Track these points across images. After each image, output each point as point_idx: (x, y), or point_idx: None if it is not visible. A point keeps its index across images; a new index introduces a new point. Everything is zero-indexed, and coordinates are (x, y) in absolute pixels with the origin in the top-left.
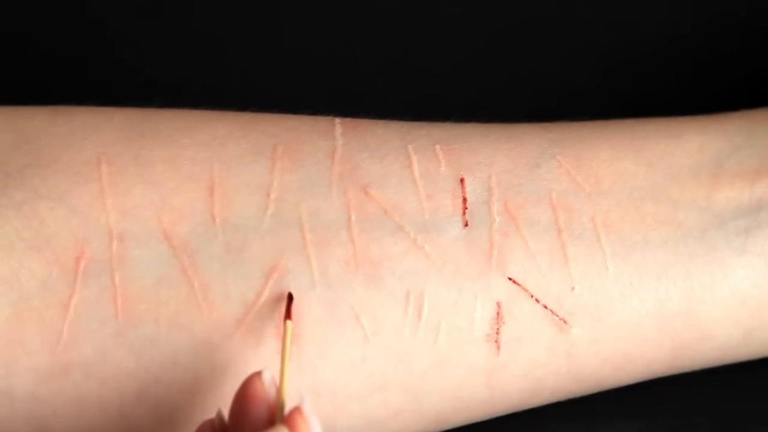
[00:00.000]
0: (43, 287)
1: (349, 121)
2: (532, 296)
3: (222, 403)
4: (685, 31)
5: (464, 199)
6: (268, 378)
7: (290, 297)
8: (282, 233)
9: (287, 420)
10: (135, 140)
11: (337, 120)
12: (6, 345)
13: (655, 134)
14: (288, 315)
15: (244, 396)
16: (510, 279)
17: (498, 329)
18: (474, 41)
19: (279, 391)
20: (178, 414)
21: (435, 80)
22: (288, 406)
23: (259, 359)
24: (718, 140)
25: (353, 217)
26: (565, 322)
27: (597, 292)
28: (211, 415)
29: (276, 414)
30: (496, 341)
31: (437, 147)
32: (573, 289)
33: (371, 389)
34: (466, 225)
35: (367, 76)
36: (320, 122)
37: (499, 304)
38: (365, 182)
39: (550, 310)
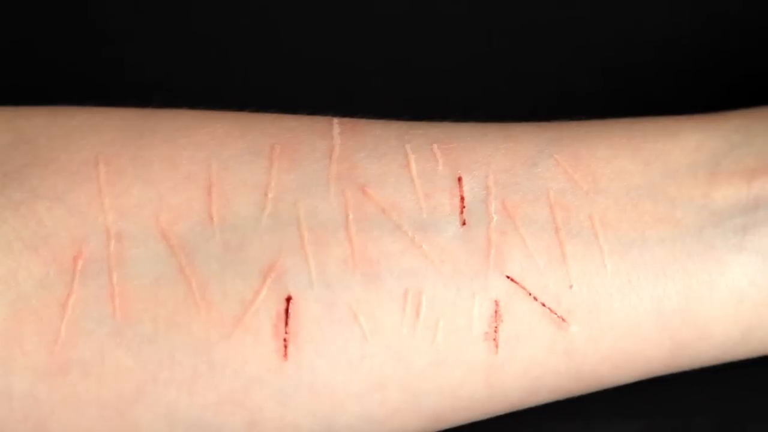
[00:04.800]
0: (40, 287)
1: (347, 121)
2: (530, 294)
3: (220, 402)
4: (685, 31)
5: (462, 198)
6: None
7: None
8: (280, 232)
9: None
10: (133, 140)
11: (335, 120)
12: (4, 344)
13: (652, 133)
14: None
15: None
16: (508, 277)
17: (496, 327)
18: (474, 41)
19: None
20: (176, 413)
21: (434, 80)
22: None
23: (257, 358)
24: (716, 139)
25: (351, 217)
26: (563, 320)
27: (595, 290)
28: (210, 414)
29: None
30: (494, 339)
31: (435, 146)
32: (571, 287)
33: (370, 388)
34: (464, 224)
35: (367, 76)
36: (318, 122)
37: (497, 303)
38: (363, 181)
39: (549, 308)
